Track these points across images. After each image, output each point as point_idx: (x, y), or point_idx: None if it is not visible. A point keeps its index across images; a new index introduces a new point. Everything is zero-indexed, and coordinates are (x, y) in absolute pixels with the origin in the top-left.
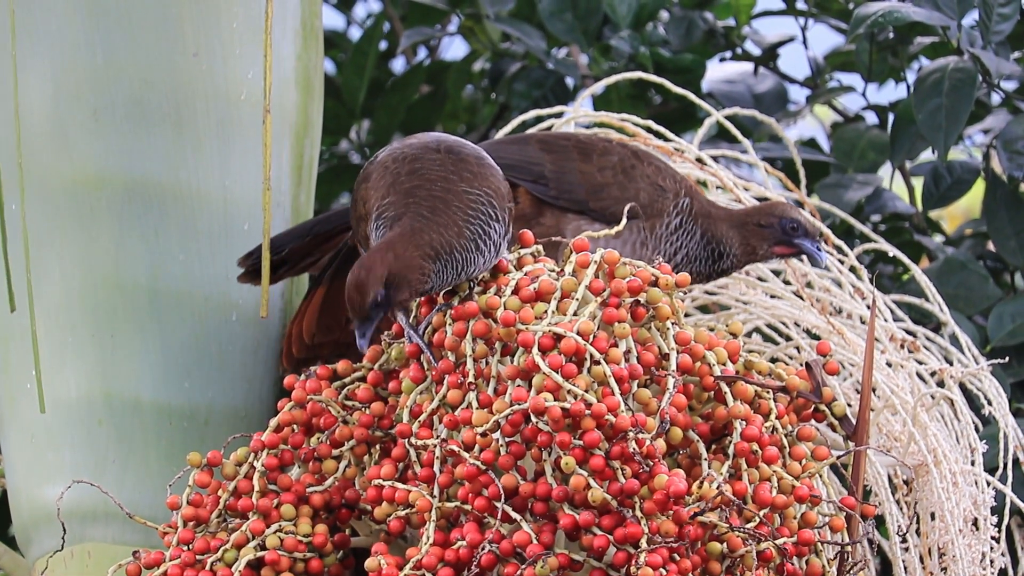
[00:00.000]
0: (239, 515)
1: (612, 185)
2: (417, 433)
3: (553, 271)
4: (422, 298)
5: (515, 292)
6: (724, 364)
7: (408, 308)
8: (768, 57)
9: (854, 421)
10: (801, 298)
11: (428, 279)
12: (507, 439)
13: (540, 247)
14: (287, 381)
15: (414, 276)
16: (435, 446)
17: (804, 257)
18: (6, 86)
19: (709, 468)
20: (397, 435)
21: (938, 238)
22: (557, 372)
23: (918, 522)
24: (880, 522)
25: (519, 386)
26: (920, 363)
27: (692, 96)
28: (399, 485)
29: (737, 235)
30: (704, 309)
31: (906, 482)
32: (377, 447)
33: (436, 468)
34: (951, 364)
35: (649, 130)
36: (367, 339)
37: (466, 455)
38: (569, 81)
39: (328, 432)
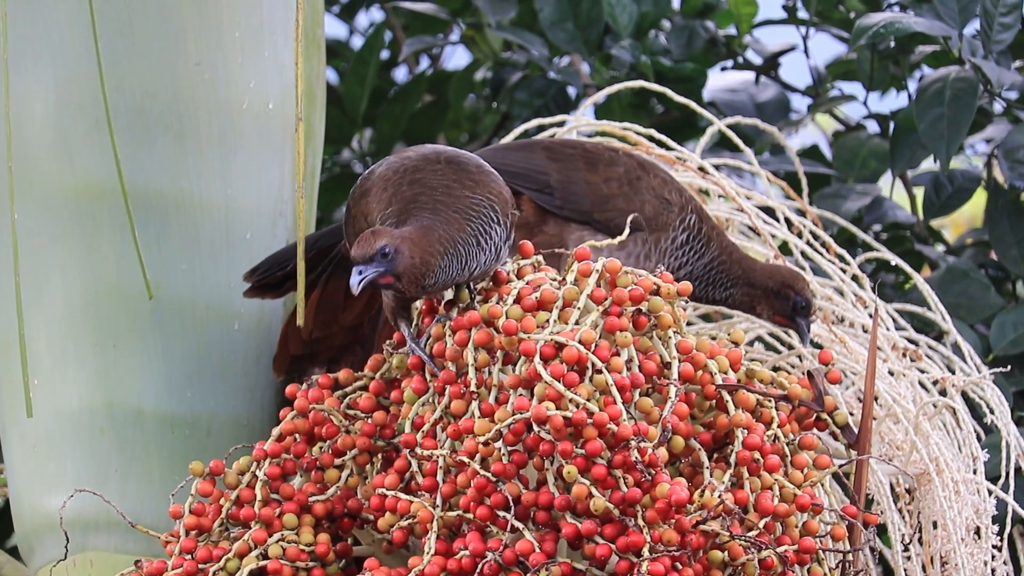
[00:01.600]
0: (241, 524)
1: (618, 196)
2: (422, 443)
3: (555, 280)
4: (423, 307)
5: (517, 301)
6: (726, 373)
7: (409, 316)
8: (769, 66)
9: (856, 430)
10: None
11: (431, 272)
12: (509, 448)
13: (540, 257)
14: (289, 390)
15: (419, 262)
16: (439, 456)
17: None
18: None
19: (711, 477)
20: (402, 446)
21: (940, 247)
22: (559, 381)
23: (920, 531)
24: (882, 531)
25: (521, 395)
26: (922, 372)
27: (694, 105)
28: (402, 496)
29: (745, 283)
30: (706, 318)
31: (908, 491)
32: (379, 456)
33: (439, 478)
34: (953, 373)
35: (651, 139)
36: (363, 281)
37: (475, 465)
38: (571, 90)
39: (330, 441)
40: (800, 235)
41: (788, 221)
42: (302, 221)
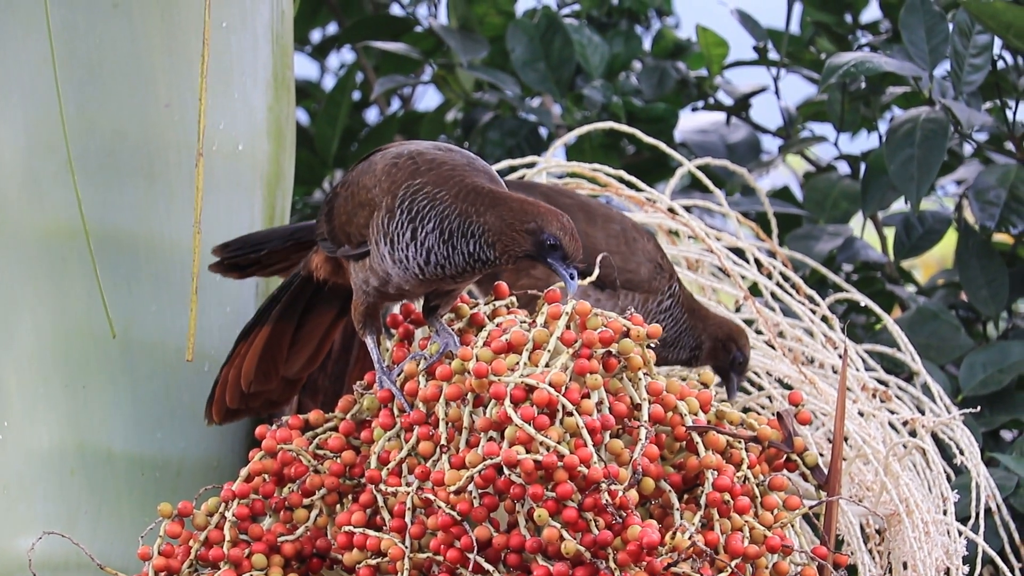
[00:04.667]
0: (210, 565)
1: (615, 254)
2: (386, 480)
3: (525, 322)
4: (399, 333)
5: (487, 343)
6: (696, 414)
7: (377, 326)
8: (740, 107)
9: (826, 471)
10: (773, 347)
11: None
12: (480, 491)
13: (514, 298)
14: (258, 431)
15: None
16: (406, 495)
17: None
18: None
19: (681, 518)
20: (367, 481)
21: (911, 288)
22: (529, 424)
23: (890, 572)
24: (853, 572)
25: (491, 439)
26: (892, 412)
27: (664, 146)
28: (370, 532)
29: (709, 340)
30: None
31: (878, 531)
32: (349, 497)
33: (408, 518)
34: (923, 413)
35: (621, 180)
36: (576, 285)
37: (442, 504)
38: (543, 130)
39: (299, 481)
40: (770, 276)
41: (758, 262)
42: (197, 255)
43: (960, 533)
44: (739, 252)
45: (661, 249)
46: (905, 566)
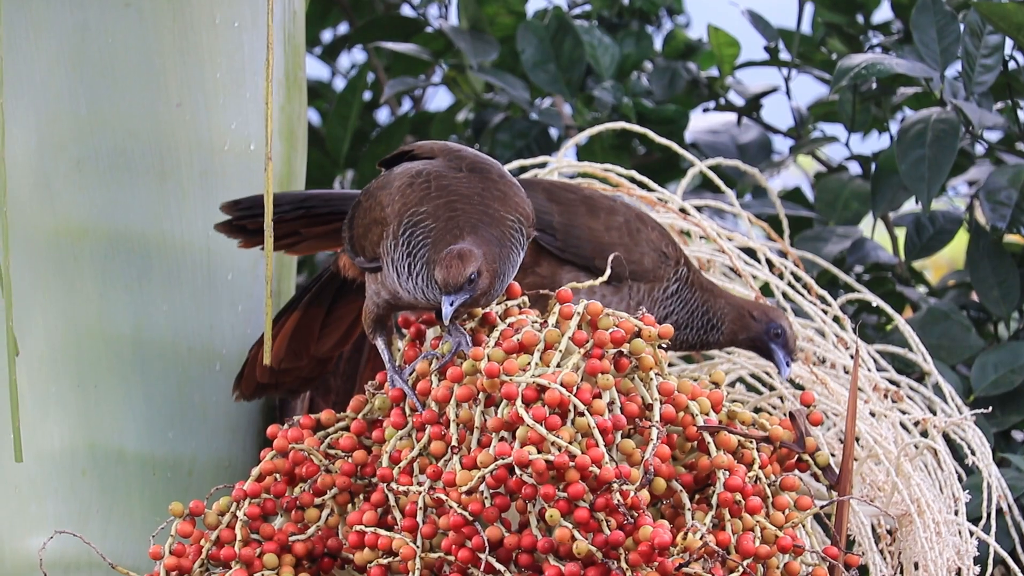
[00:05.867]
0: (222, 564)
1: (619, 246)
2: (398, 479)
3: (536, 322)
4: (410, 332)
5: (498, 343)
6: (707, 414)
7: (388, 329)
8: (751, 107)
9: (837, 471)
10: None
11: (494, 295)
12: (491, 491)
13: (526, 298)
14: (270, 431)
15: (490, 284)
16: (418, 494)
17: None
18: None
19: (693, 518)
20: (379, 479)
21: (921, 288)
22: (541, 424)
23: (902, 572)
24: (864, 572)
25: (503, 439)
26: (903, 413)
27: (675, 146)
28: (381, 532)
29: (730, 316)
30: (687, 359)
31: (889, 532)
32: (360, 496)
33: (419, 518)
34: (934, 414)
35: (632, 180)
36: (453, 310)
37: (454, 504)
38: (553, 131)
39: (310, 481)
40: (781, 276)
41: (769, 263)
42: (270, 259)
43: (971, 533)
44: (751, 252)
45: (668, 235)
46: (916, 566)
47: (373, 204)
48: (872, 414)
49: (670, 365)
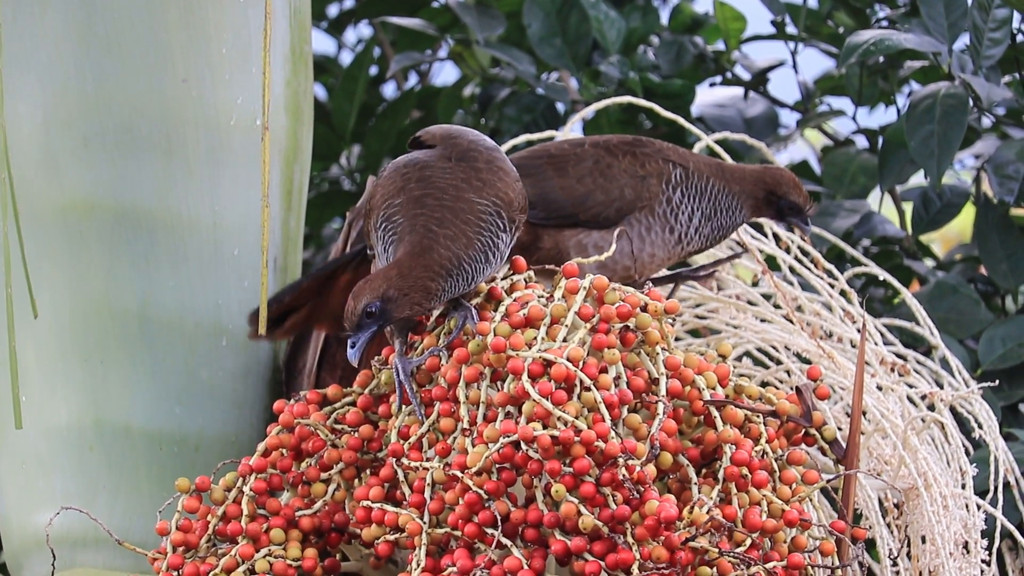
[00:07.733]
0: (228, 540)
1: (595, 191)
2: (408, 455)
3: (542, 297)
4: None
5: (504, 318)
6: (714, 388)
7: (408, 328)
8: (758, 81)
9: (844, 445)
10: (791, 322)
11: (434, 296)
12: (498, 466)
13: (532, 273)
14: (276, 406)
15: (416, 295)
16: (426, 471)
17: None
18: None
19: (699, 493)
20: (389, 455)
21: (929, 262)
22: (547, 399)
23: (909, 545)
24: (871, 545)
25: (508, 414)
26: (911, 386)
27: (682, 121)
28: (388, 508)
29: (748, 200)
30: (694, 333)
31: (896, 505)
32: (367, 471)
33: (427, 494)
34: (941, 388)
35: None
36: (357, 350)
37: (468, 481)
38: (559, 106)
39: (316, 456)
40: (788, 250)
41: (776, 236)
42: (265, 231)
43: (978, 507)
44: (757, 226)
45: (643, 149)
46: (923, 540)
47: (373, 191)
48: (879, 388)
49: (676, 339)
